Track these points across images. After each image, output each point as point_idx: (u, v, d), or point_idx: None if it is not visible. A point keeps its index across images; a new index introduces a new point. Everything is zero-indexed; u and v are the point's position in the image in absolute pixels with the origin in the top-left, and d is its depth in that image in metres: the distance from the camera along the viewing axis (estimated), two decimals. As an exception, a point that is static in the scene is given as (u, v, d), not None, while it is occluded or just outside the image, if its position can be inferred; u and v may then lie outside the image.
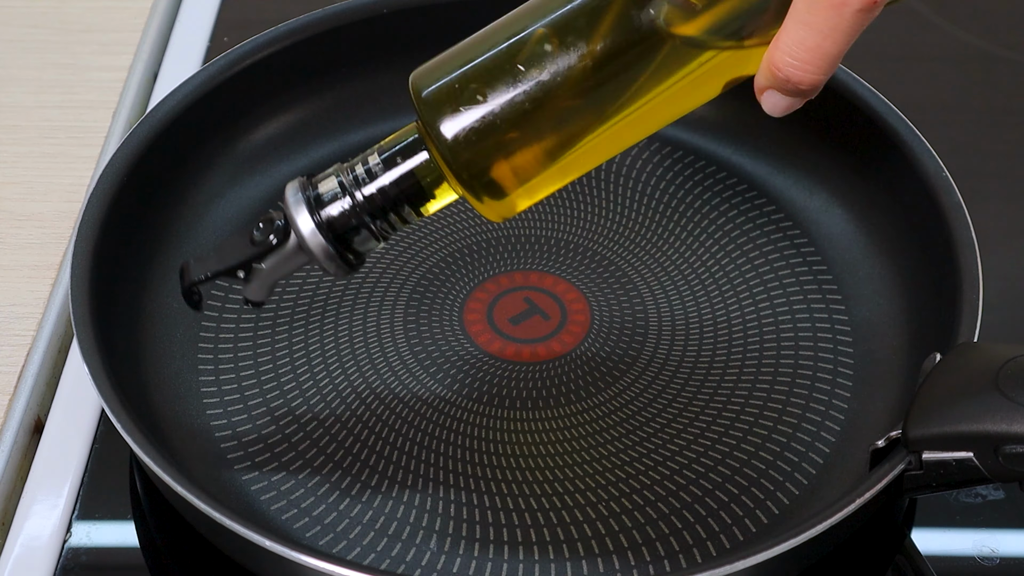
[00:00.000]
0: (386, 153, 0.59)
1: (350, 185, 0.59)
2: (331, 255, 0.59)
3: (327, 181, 0.59)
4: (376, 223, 0.59)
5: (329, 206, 0.59)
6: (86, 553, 0.63)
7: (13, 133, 0.80)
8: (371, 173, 0.59)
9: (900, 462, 0.57)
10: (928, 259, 0.68)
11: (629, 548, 0.62)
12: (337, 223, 0.59)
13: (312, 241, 0.59)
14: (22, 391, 0.69)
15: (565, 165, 0.58)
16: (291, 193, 0.59)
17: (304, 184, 0.59)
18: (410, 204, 0.59)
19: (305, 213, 0.59)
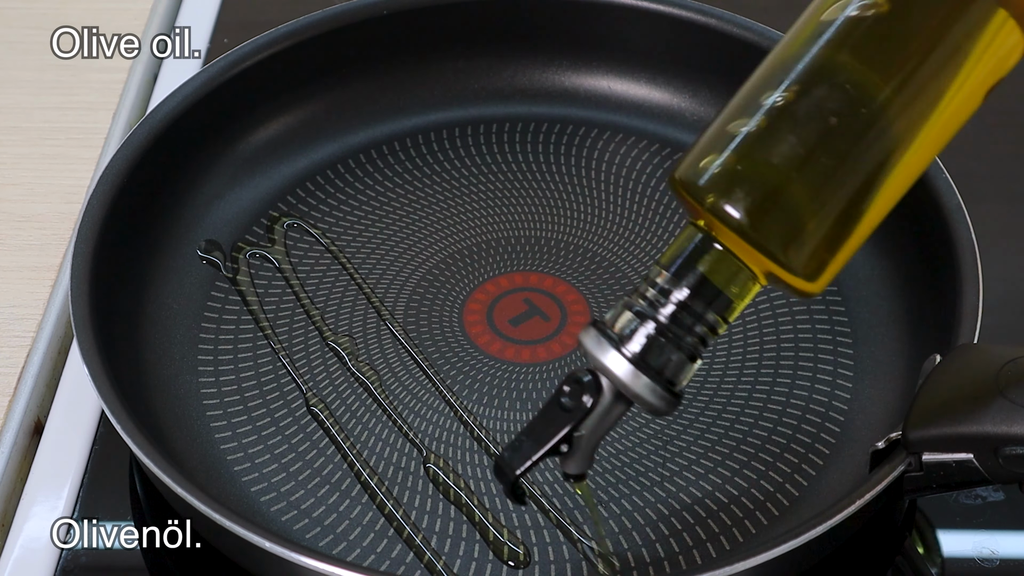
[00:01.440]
0: (674, 264, 0.54)
1: (647, 310, 0.54)
2: (655, 390, 0.54)
3: (621, 317, 0.54)
4: (687, 341, 0.54)
5: (633, 339, 0.54)
6: (86, 554, 0.63)
7: (13, 134, 0.80)
8: (664, 291, 0.54)
9: (900, 463, 0.57)
10: (928, 260, 0.68)
11: (629, 550, 0.62)
12: (649, 353, 0.54)
13: (633, 382, 0.53)
14: (22, 392, 0.69)
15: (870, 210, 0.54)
16: (590, 340, 0.54)
17: (600, 327, 0.54)
18: (715, 310, 0.54)
19: (614, 353, 0.54)
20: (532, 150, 0.78)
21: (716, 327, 0.54)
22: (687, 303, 0.53)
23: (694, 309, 0.54)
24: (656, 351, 0.54)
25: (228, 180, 0.75)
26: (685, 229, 0.54)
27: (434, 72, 0.80)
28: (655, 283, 0.54)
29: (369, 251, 0.73)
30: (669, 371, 0.54)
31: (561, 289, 0.72)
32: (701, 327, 0.54)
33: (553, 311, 0.71)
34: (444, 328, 0.70)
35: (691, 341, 0.54)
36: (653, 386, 0.54)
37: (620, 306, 0.55)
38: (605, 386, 0.54)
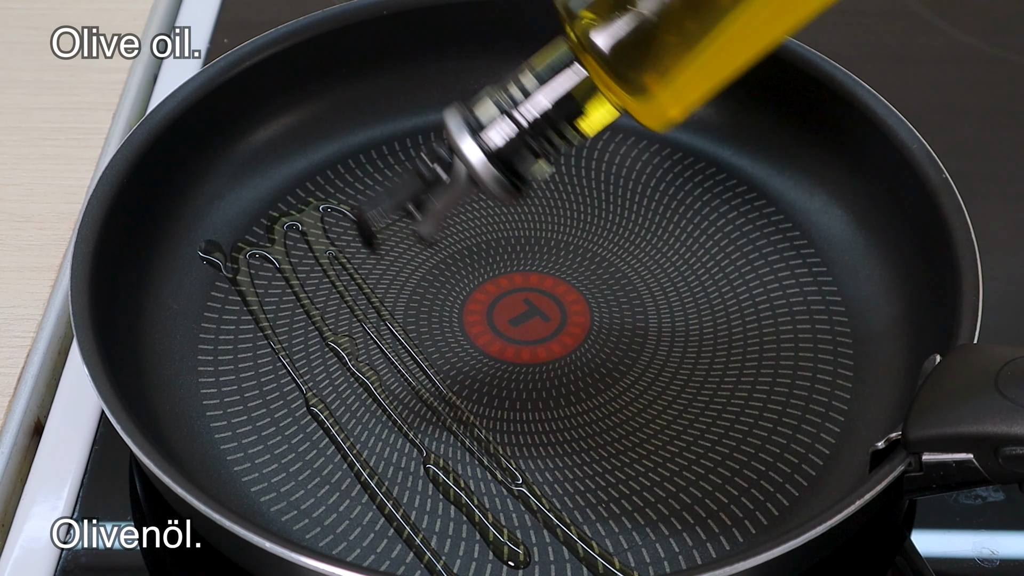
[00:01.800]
0: (538, 70, 0.59)
1: (508, 107, 0.59)
2: (498, 178, 0.59)
3: (484, 106, 0.59)
4: (538, 142, 0.59)
5: (491, 131, 0.59)
6: (86, 555, 0.63)
7: (13, 135, 0.80)
8: (526, 92, 0.59)
9: (900, 464, 0.57)
10: (928, 260, 0.68)
11: (629, 550, 0.62)
12: (502, 149, 0.59)
13: (481, 168, 0.59)
14: (22, 392, 0.69)
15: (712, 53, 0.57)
16: (454, 123, 0.59)
17: (463, 111, 0.59)
18: (569, 120, 0.59)
19: (470, 141, 0.59)
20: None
21: (565, 135, 0.59)
22: (545, 107, 0.59)
23: (550, 115, 0.59)
24: (509, 146, 0.59)
25: (228, 180, 0.75)
26: (558, 40, 0.59)
27: (434, 72, 0.80)
28: (521, 84, 0.59)
29: (369, 251, 0.73)
30: (519, 165, 0.60)
31: (561, 289, 0.72)
32: (553, 133, 0.59)
33: (553, 311, 0.71)
34: (444, 328, 0.70)
35: (542, 144, 0.59)
36: (499, 177, 0.59)
37: (485, 96, 0.60)
38: (458, 166, 0.60)
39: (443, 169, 0.60)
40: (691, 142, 0.78)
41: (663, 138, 0.78)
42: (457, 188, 0.60)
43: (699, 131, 0.78)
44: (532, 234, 0.74)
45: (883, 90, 0.72)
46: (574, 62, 0.58)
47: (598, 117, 0.59)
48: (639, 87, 0.57)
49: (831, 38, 0.80)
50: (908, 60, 0.87)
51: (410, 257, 0.73)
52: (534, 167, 0.60)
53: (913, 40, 0.88)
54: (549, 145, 0.59)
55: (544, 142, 0.59)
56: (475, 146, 0.59)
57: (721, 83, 0.59)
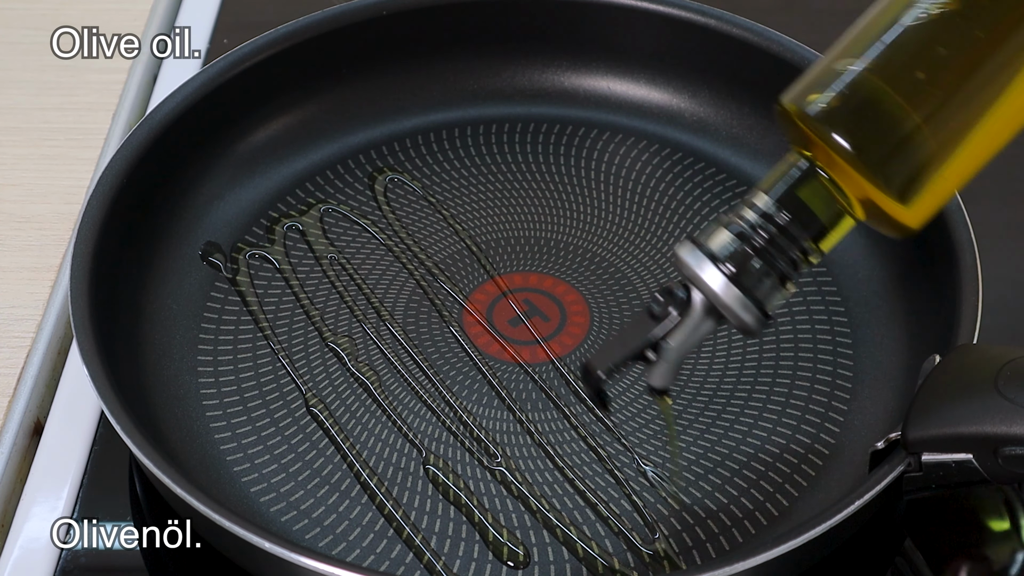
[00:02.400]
0: (775, 188, 0.56)
1: (746, 231, 0.55)
2: (747, 305, 0.55)
3: (718, 236, 0.56)
4: (780, 265, 0.56)
5: (729, 257, 0.55)
6: (85, 555, 0.63)
7: (13, 135, 0.80)
8: (763, 215, 0.55)
9: (899, 464, 0.57)
10: (928, 261, 0.68)
11: (629, 550, 0.62)
12: (744, 272, 0.55)
13: (726, 294, 0.55)
14: (22, 393, 0.69)
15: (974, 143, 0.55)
16: (687, 253, 0.56)
17: (697, 242, 0.56)
18: (810, 237, 0.56)
19: (711, 267, 0.55)
20: (532, 150, 0.78)
21: (809, 254, 0.56)
22: (784, 227, 0.55)
23: (790, 234, 0.55)
24: (750, 271, 0.55)
25: (228, 180, 0.75)
26: (787, 155, 0.56)
27: (434, 72, 0.80)
28: (754, 205, 0.56)
29: (369, 251, 0.73)
30: (760, 292, 0.56)
31: (561, 290, 0.72)
32: (795, 252, 0.56)
33: (553, 311, 0.71)
34: (444, 329, 0.70)
35: (784, 266, 0.56)
36: (746, 302, 0.55)
37: (715, 224, 0.56)
38: (697, 299, 0.56)
39: (678, 308, 0.56)
40: (691, 142, 0.78)
41: (663, 138, 0.78)
42: (693, 323, 0.56)
43: (699, 131, 0.78)
44: (532, 234, 0.74)
45: (883, 90, 0.72)
46: (807, 168, 0.55)
47: (837, 229, 0.56)
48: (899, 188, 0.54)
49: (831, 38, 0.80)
50: (908, 60, 0.87)
51: (410, 257, 0.73)
52: (776, 292, 0.56)
53: (913, 40, 0.88)
54: (791, 266, 0.56)
55: (784, 261, 0.56)
56: (717, 272, 0.55)
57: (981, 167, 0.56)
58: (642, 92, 0.79)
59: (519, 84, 0.80)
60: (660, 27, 0.78)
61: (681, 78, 0.79)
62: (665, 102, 0.79)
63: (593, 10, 0.79)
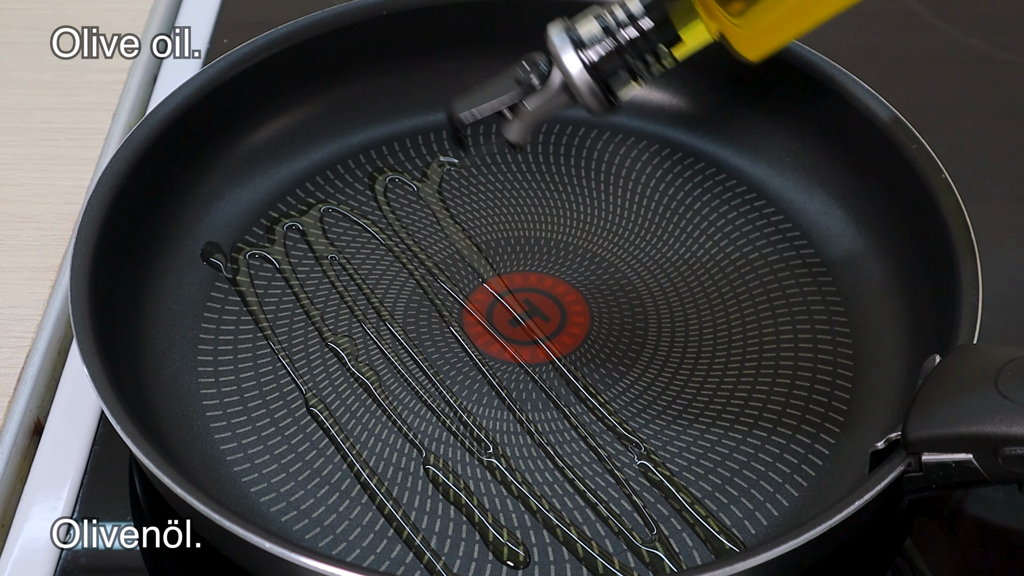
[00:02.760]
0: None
1: (612, 26, 0.62)
2: (595, 90, 0.63)
3: (587, 24, 0.63)
4: (634, 62, 0.63)
5: (592, 47, 0.62)
6: (85, 555, 0.63)
7: (13, 135, 0.80)
8: (631, 16, 0.62)
9: (900, 464, 0.57)
10: (927, 260, 0.68)
11: (629, 550, 0.62)
12: (602, 63, 0.62)
13: (579, 79, 0.62)
14: (22, 393, 0.69)
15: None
16: (555, 34, 0.63)
17: (567, 26, 0.63)
18: (666, 43, 0.62)
19: (572, 52, 0.62)
20: (532, 150, 0.78)
21: (662, 58, 0.63)
22: (646, 32, 0.62)
23: (650, 38, 0.62)
24: (608, 63, 0.63)
25: (228, 180, 0.75)
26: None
27: (434, 72, 0.80)
28: (625, 6, 0.63)
29: (369, 251, 0.73)
30: (613, 82, 0.63)
31: (561, 290, 0.72)
32: (650, 56, 0.63)
33: (553, 311, 0.71)
34: (443, 329, 0.70)
35: (638, 65, 0.63)
36: (595, 88, 0.63)
37: (588, 14, 0.63)
38: (555, 75, 0.63)
39: (539, 78, 0.63)
40: (691, 142, 0.78)
41: (663, 138, 0.78)
42: (549, 95, 0.63)
43: (699, 131, 0.78)
44: (532, 234, 0.74)
45: (883, 90, 0.72)
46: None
47: (692, 42, 0.63)
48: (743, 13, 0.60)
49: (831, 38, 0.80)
50: (908, 60, 0.87)
51: (410, 257, 0.73)
52: (626, 86, 0.63)
53: (913, 40, 0.88)
54: (643, 66, 0.63)
55: (640, 63, 0.63)
56: (576, 58, 0.62)
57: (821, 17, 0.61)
58: (642, 92, 0.79)
59: (519, 84, 0.80)
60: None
61: (681, 78, 0.79)
62: (665, 102, 0.79)
63: (593, 10, 0.79)
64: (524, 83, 0.64)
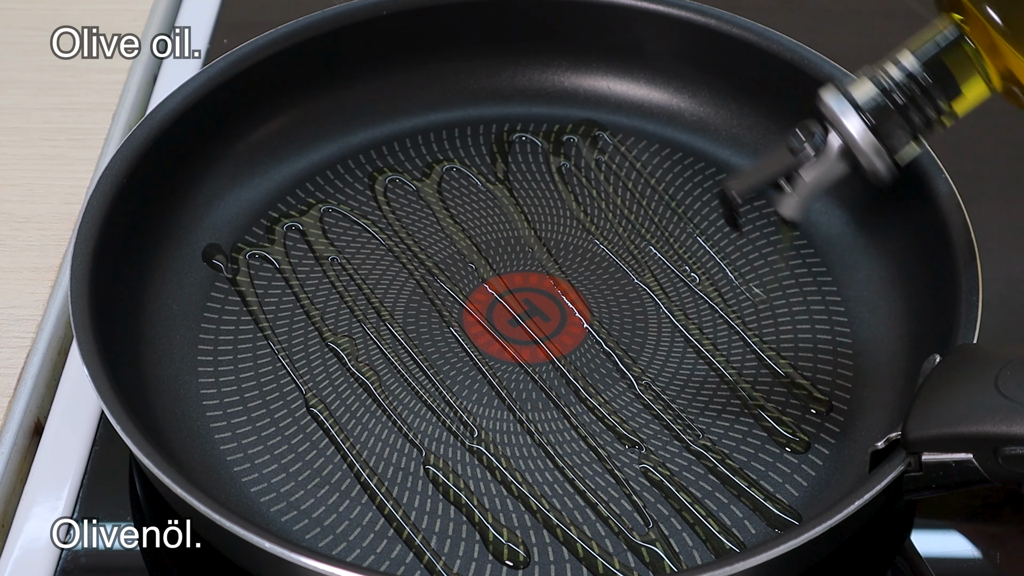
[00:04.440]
0: (923, 50, 0.61)
1: (889, 85, 0.61)
2: (882, 152, 0.61)
3: (863, 86, 0.61)
4: (916, 121, 0.61)
5: (871, 107, 0.61)
6: (86, 555, 0.63)
7: (13, 135, 0.80)
8: (907, 73, 0.61)
9: (900, 464, 0.57)
10: (928, 260, 0.68)
11: (629, 549, 0.62)
12: (882, 123, 0.61)
13: (864, 141, 0.60)
14: (22, 393, 0.69)
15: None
16: (832, 97, 0.61)
17: (842, 88, 0.61)
18: (947, 99, 0.61)
19: (854, 115, 0.61)
20: (532, 150, 0.78)
21: (943, 115, 0.61)
22: (926, 88, 0.61)
23: (930, 95, 0.61)
24: (888, 122, 0.61)
25: (228, 180, 0.75)
26: (937, 21, 0.61)
27: (434, 72, 0.80)
28: (899, 63, 0.61)
29: (369, 251, 0.73)
30: (895, 144, 0.61)
31: (561, 289, 0.72)
32: (931, 112, 0.61)
33: (553, 311, 0.71)
34: (443, 328, 0.70)
35: (919, 123, 0.61)
36: (881, 149, 0.61)
37: (861, 76, 0.61)
38: (834, 141, 0.61)
39: (816, 145, 0.61)
40: (691, 142, 0.78)
41: (663, 138, 0.78)
42: (828, 163, 0.61)
43: (699, 131, 0.78)
44: (532, 234, 0.74)
45: (883, 90, 0.72)
46: (956, 36, 0.60)
47: (973, 95, 0.61)
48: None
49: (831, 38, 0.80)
50: (908, 60, 0.87)
51: (410, 257, 0.73)
52: (906, 147, 0.61)
53: (913, 40, 0.88)
54: (924, 123, 0.61)
55: (921, 119, 0.61)
56: (859, 120, 0.60)
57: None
58: (642, 92, 0.79)
59: (519, 84, 0.80)
60: (660, 27, 0.78)
61: (681, 78, 0.79)
62: (665, 102, 0.79)
63: (593, 10, 0.79)
64: (799, 152, 0.62)
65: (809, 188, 0.62)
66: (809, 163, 0.62)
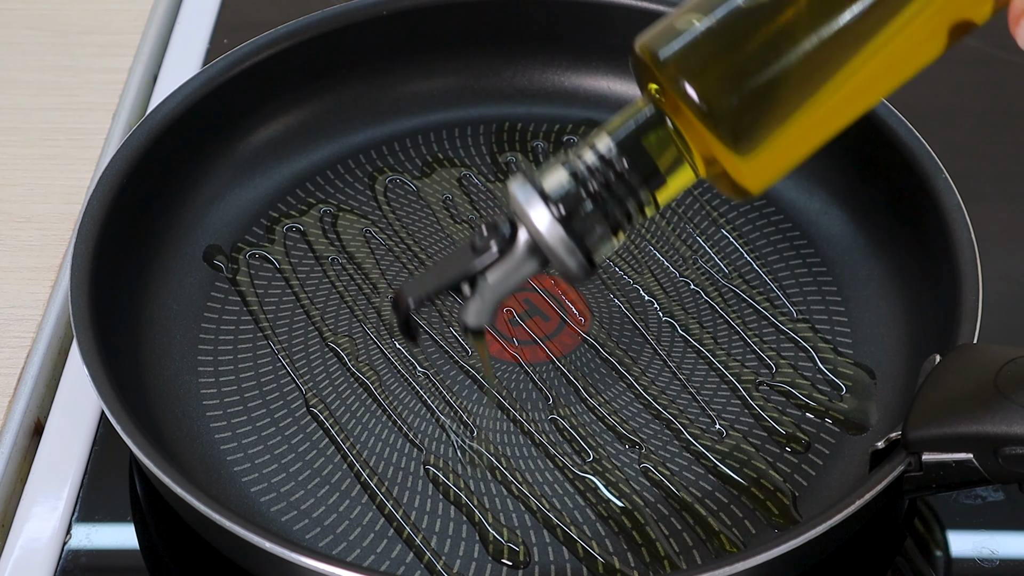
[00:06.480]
0: (619, 133, 0.53)
1: (583, 174, 0.53)
2: (573, 250, 0.52)
3: (553, 174, 0.53)
4: (614, 214, 0.53)
5: (562, 199, 0.52)
6: (86, 555, 0.63)
7: (13, 135, 0.80)
8: (604, 160, 0.53)
9: (900, 463, 0.57)
10: (928, 260, 0.68)
11: (629, 550, 0.62)
12: (576, 217, 0.53)
13: (552, 236, 0.52)
14: (22, 393, 0.69)
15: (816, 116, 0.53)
16: (518, 188, 0.53)
17: (531, 178, 0.53)
18: (649, 188, 0.53)
19: (542, 207, 0.52)
20: (532, 150, 0.78)
21: (645, 206, 0.53)
22: (623, 175, 0.53)
23: (629, 182, 0.53)
24: (583, 216, 0.53)
25: (228, 180, 0.75)
26: (635, 102, 0.53)
27: (434, 72, 0.80)
28: (595, 147, 0.53)
29: (369, 251, 0.73)
30: (590, 239, 0.53)
31: (561, 289, 0.72)
32: (631, 203, 0.53)
33: (553, 311, 0.71)
34: (444, 328, 0.70)
35: (618, 215, 0.53)
36: (572, 246, 0.52)
37: (554, 163, 0.53)
38: (522, 237, 0.53)
39: (500, 243, 0.53)
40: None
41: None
42: (515, 262, 0.54)
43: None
44: (532, 234, 0.74)
45: (883, 90, 0.72)
46: (654, 114, 0.53)
47: (677, 183, 0.54)
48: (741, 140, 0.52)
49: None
50: (908, 60, 0.87)
51: (410, 257, 0.73)
52: (604, 244, 0.54)
53: (913, 40, 0.88)
54: (625, 216, 0.53)
55: (619, 211, 0.53)
56: (546, 212, 0.52)
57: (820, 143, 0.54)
58: (642, 92, 0.79)
59: (519, 84, 0.80)
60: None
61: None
62: (665, 102, 0.79)
63: (592, 10, 0.79)
64: (482, 251, 0.53)
65: (493, 291, 0.54)
66: (494, 263, 0.53)
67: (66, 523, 0.64)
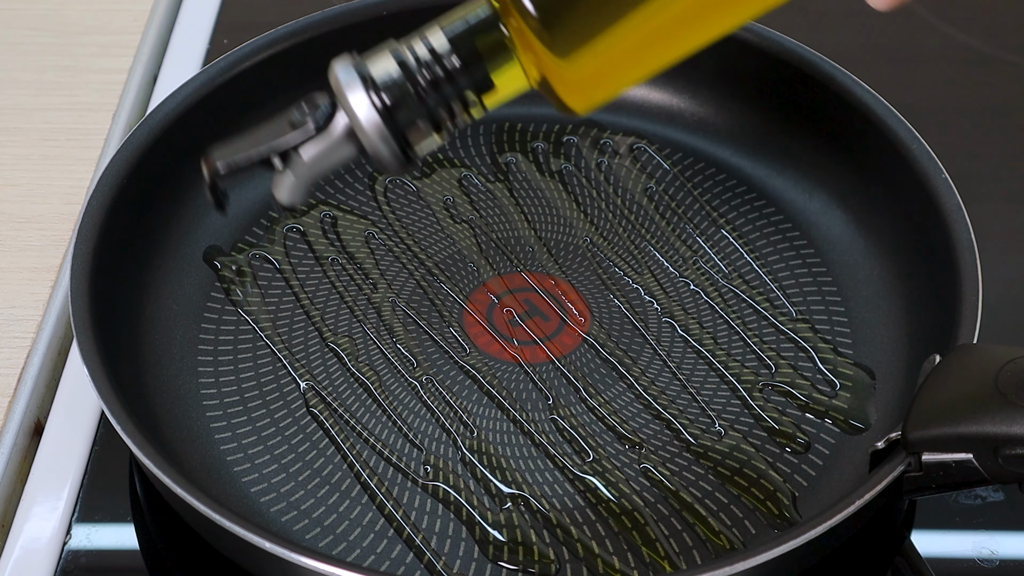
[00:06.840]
0: (454, 28, 0.52)
1: (411, 65, 0.51)
2: (387, 138, 0.51)
3: (382, 60, 0.52)
4: (438, 110, 0.52)
5: (387, 88, 0.51)
6: (86, 555, 0.63)
7: (13, 135, 0.80)
8: (435, 54, 0.52)
9: (900, 464, 0.57)
10: (928, 261, 0.68)
11: (629, 550, 0.62)
12: (399, 109, 0.51)
13: (369, 124, 0.51)
14: (22, 393, 0.69)
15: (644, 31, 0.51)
16: (341, 69, 0.52)
17: (356, 62, 0.52)
18: (476, 90, 0.52)
19: (361, 92, 0.51)
20: (532, 150, 0.78)
21: (470, 107, 0.52)
22: (452, 73, 0.51)
23: (457, 82, 0.52)
24: (406, 109, 0.51)
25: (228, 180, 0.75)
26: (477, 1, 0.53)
27: (434, 72, 0.79)
28: (427, 40, 0.52)
29: (369, 251, 0.73)
30: (409, 133, 0.52)
31: (561, 289, 0.72)
32: (456, 103, 0.52)
33: (553, 311, 0.71)
34: (444, 329, 0.70)
35: (442, 113, 0.52)
36: (388, 136, 0.51)
37: (383, 48, 0.52)
38: (340, 120, 0.52)
39: (318, 120, 0.52)
40: (691, 142, 0.78)
41: (663, 138, 0.78)
42: (330, 143, 0.52)
43: (698, 131, 0.78)
44: (531, 234, 0.74)
45: (883, 90, 0.72)
46: (489, 15, 0.52)
47: (506, 89, 0.52)
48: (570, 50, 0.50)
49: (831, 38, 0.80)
50: (908, 60, 0.87)
51: (410, 257, 0.73)
52: (426, 139, 0.52)
53: (913, 40, 0.88)
54: (448, 115, 0.52)
55: (444, 110, 0.52)
56: (366, 100, 0.51)
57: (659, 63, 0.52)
58: (642, 92, 0.79)
59: (519, 84, 0.80)
60: (660, 27, 0.78)
61: (681, 78, 0.79)
62: (665, 102, 0.79)
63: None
64: (299, 126, 0.52)
65: (307, 169, 0.52)
66: (310, 140, 0.52)
67: (66, 523, 0.64)
